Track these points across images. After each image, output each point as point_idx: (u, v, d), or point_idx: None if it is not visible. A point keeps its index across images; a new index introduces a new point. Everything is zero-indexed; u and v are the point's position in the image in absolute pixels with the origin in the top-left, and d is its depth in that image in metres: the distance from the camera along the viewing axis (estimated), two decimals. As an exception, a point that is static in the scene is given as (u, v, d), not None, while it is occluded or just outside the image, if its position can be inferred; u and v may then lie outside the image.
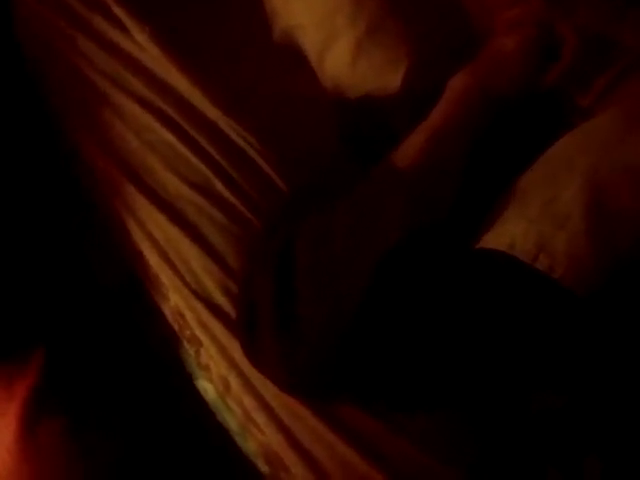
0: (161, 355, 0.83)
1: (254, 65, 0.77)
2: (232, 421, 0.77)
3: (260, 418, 0.71)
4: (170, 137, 0.72)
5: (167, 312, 0.77)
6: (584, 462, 0.61)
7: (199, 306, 0.72)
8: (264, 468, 0.73)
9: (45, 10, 0.79)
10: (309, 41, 0.75)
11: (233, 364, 0.71)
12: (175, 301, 0.75)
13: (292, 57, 0.77)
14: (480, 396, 0.57)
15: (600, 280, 0.52)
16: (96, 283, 0.86)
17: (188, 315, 0.74)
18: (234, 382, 0.72)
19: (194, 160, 0.72)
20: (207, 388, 0.79)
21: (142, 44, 0.74)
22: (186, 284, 0.72)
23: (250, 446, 0.76)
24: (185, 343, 0.78)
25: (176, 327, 0.77)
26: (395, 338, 0.56)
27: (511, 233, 0.56)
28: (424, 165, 0.61)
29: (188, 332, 0.76)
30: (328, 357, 0.58)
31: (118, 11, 0.74)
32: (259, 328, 0.60)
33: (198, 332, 0.74)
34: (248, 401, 0.71)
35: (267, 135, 0.73)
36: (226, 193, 0.72)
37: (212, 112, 0.73)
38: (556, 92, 0.66)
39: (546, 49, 0.63)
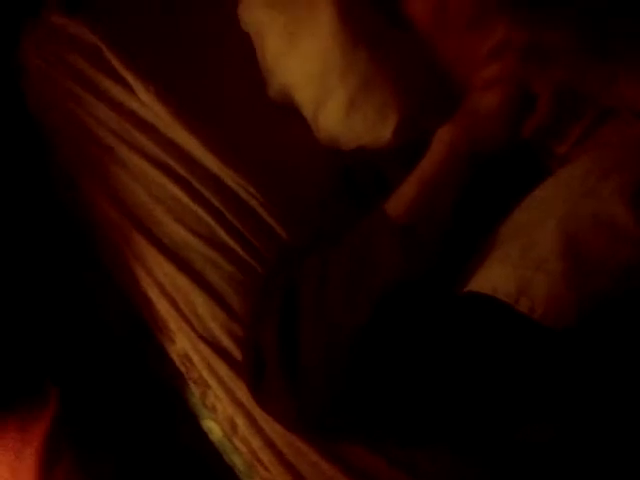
0: (167, 396, 0.87)
1: (253, 119, 0.81)
2: (238, 460, 0.79)
3: (266, 457, 0.73)
4: (176, 190, 0.76)
5: (174, 355, 0.80)
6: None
7: (206, 349, 0.75)
8: (270, 506, 0.75)
9: (55, 72, 0.83)
10: (303, 98, 0.79)
11: (239, 405, 0.74)
12: (182, 345, 0.78)
13: (288, 112, 0.81)
14: (471, 430, 0.60)
15: (578, 316, 0.56)
16: (105, 329, 0.90)
17: (195, 358, 0.77)
18: (241, 422, 0.74)
19: (199, 211, 0.76)
20: (213, 428, 0.82)
21: (147, 103, 0.78)
22: (193, 329, 0.75)
23: (257, 485, 0.79)
24: (191, 385, 0.80)
25: (183, 369, 0.80)
26: (389, 378, 0.59)
27: (494, 277, 0.59)
28: (415, 214, 0.65)
29: (195, 374, 0.79)
30: (329, 397, 0.60)
31: (125, 73, 0.79)
32: (265, 370, 0.63)
33: (205, 374, 0.76)
34: (254, 440, 0.74)
35: (267, 186, 0.76)
36: (230, 242, 0.75)
37: (214, 165, 0.77)
38: (534, 141, 0.70)
39: (523, 103, 0.67)
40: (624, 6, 0.67)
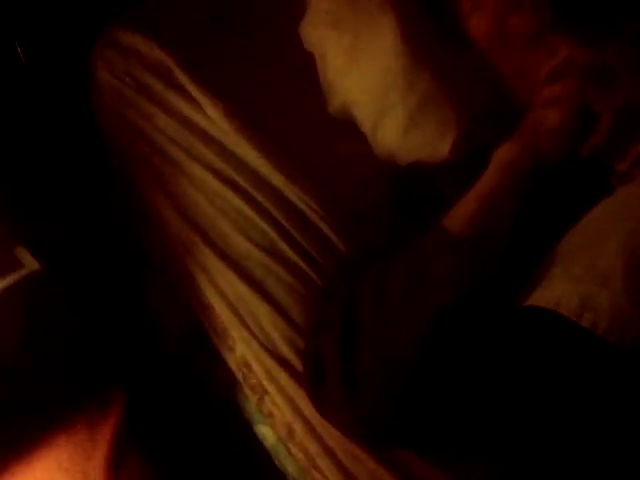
0: (220, 400, 0.89)
1: (314, 136, 0.83)
2: (291, 466, 0.81)
3: (323, 463, 0.75)
4: (240, 203, 0.79)
5: (232, 363, 0.83)
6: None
7: (267, 358, 0.77)
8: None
9: (124, 88, 0.88)
10: (363, 114, 0.81)
11: (298, 412, 0.76)
12: (242, 352, 0.80)
13: (347, 127, 0.84)
14: (528, 446, 0.61)
15: None
16: (166, 339, 0.93)
17: (255, 366, 0.79)
18: (299, 429, 0.76)
19: (261, 224, 0.78)
20: (266, 434, 0.84)
21: (214, 119, 0.82)
22: (254, 337, 0.78)
23: (311, 493, 0.81)
24: (247, 391, 0.83)
25: (240, 376, 0.83)
26: (446, 393, 0.60)
27: (557, 292, 0.60)
28: (475, 230, 0.66)
29: (253, 381, 0.81)
30: (386, 408, 0.62)
31: (192, 90, 0.83)
32: (325, 380, 0.64)
33: (264, 382, 0.78)
34: (312, 447, 0.75)
35: (326, 200, 0.79)
36: (290, 253, 0.77)
37: (277, 180, 0.79)
38: (595, 160, 0.71)
39: (584, 122, 0.68)
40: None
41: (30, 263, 0.72)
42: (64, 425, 0.75)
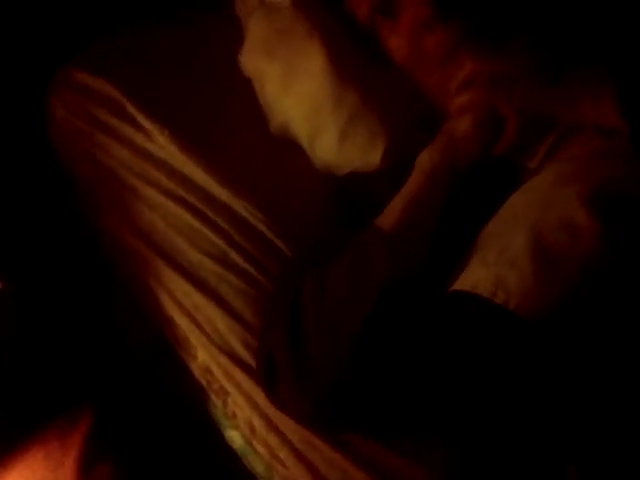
0: (190, 409, 0.93)
1: (258, 153, 0.89)
2: (258, 464, 0.86)
3: (283, 454, 0.80)
4: (191, 219, 0.85)
5: (195, 370, 0.87)
6: (565, 471, 0.71)
7: (224, 360, 0.82)
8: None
9: (79, 122, 0.92)
10: (300, 132, 0.88)
11: (257, 408, 0.81)
12: (203, 358, 0.85)
13: (288, 144, 0.90)
14: (461, 411, 0.67)
15: (549, 309, 0.63)
16: (130, 348, 0.98)
17: (215, 369, 0.84)
18: (258, 424, 0.81)
19: (212, 236, 0.84)
20: (234, 436, 0.88)
21: (163, 144, 0.87)
22: (212, 342, 0.83)
23: (276, 486, 0.85)
24: (213, 396, 0.87)
25: (204, 382, 0.87)
26: (385, 374, 0.66)
27: (474, 276, 0.67)
28: (402, 227, 0.74)
29: (216, 385, 0.86)
30: (334, 392, 0.67)
31: (141, 119, 0.88)
32: (277, 373, 0.70)
33: (225, 383, 0.83)
34: (272, 439, 0.80)
35: (272, 210, 0.84)
36: (240, 261, 0.83)
37: (224, 195, 0.85)
38: (508, 158, 0.79)
39: (493, 125, 0.76)
40: (570, 32, 0.76)
41: (-6, 282, 0.76)
42: (36, 436, 0.79)
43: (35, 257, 0.90)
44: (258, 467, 0.87)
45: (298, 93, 0.86)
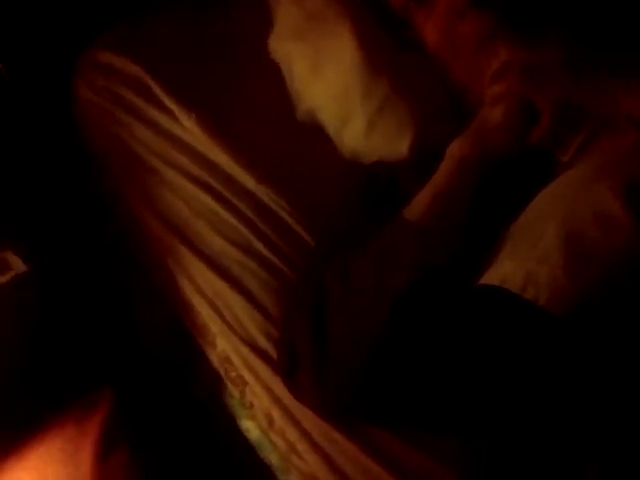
0: (206, 396, 0.93)
1: (283, 140, 0.88)
2: (274, 456, 0.85)
3: (302, 446, 0.79)
4: (215, 205, 0.84)
5: (213, 358, 0.87)
6: (587, 471, 0.69)
7: (245, 350, 0.81)
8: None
9: (104, 103, 0.92)
10: (328, 119, 0.87)
11: (276, 399, 0.80)
12: (222, 347, 0.85)
13: (314, 131, 0.89)
14: (487, 409, 0.66)
15: (580, 304, 0.61)
16: (148, 335, 0.98)
17: (234, 358, 0.83)
18: (277, 415, 0.80)
19: (236, 223, 0.83)
20: (250, 427, 0.88)
21: (189, 128, 0.87)
22: (233, 331, 0.82)
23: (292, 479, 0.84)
24: (230, 385, 0.86)
25: (222, 371, 0.87)
26: (409, 368, 0.65)
27: (504, 270, 0.65)
28: (432, 218, 0.72)
29: (234, 374, 0.85)
30: (356, 384, 0.66)
31: (168, 101, 0.88)
32: (299, 364, 0.69)
33: (244, 373, 0.83)
34: (290, 432, 0.79)
35: (296, 198, 0.84)
36: (264, 250, 0.82)
37: (249, 182, 0.84)
38: (540, 150, 0.77)
39: (527, 117, 0.74)
40: (605, 22, 0.74)
41: (18, 265, 0.76)
42: (55, 420, 0.79)
43: (58, 241, 0.90)
44: (273, 458, 0.86)
45: (327, 79, 0.85)
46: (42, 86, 0.96)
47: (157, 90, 0.87)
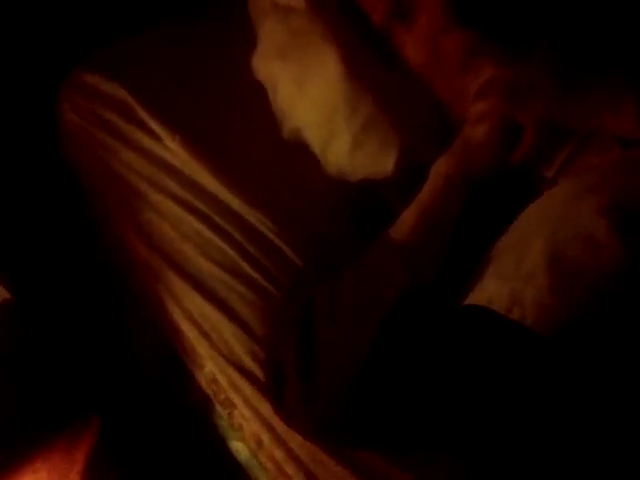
0: (196, 419, 0.92)
1: (269, 159, 0.88)
2: (264, 477, 0.84)
3: (290, 469, 0.78)
4: (201, 227, 0.83)
5: (202, 380, 0.86)
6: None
7: (231, 371, 0.81)
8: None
9: (89, 126, 0.92)
10: (313, 138, 0.86)
11: (264, 422, 0.79)
12: (210, 368, 0.84)
13: (300, 150, 0.88)
14: (476, 428, 0.65)
15: (566, 325, 0.61)
16: (138, 361, 0.97)
17: (222, 380, 0.83)
18: (265, 438, 0.80)
19: (222, 245, 0.83)
20: (239, 448, 0.87)
21: (173, 150, 0.86)
22: (219, 352, 0.81)
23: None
24: (218, 407, 0.86)
25: (210, 393, 0.86)
26: (395, 390, 0.64)
27: (489, 290, 0.65)
28: (416, 237, 0.72)
29: (222, 396, 0.85)
30: (342, 407, 0.65)
31: (152, 124, 0.87)
32: (285, 386, 0.68)
33: (232, 395, 0.82)
34: (279, 454, 0.79)
35: (282, 218, 0.83)
36: (251, 272, 0.82)
37: (235, 202, 0.84)
38: (525, 167, 0.77)
39: (510, 134, 0.74)
40: (591, 39, 0.73)
41: (1, 294, 0.76)
42: (42, 449, 0.78)
43: (40, 266, 0.89)
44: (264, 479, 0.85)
45: (312, 98, 0.84)
46: (26, 107, 0.96)
47: (142, 113, 0.87)
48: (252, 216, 0.84)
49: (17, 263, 0.86)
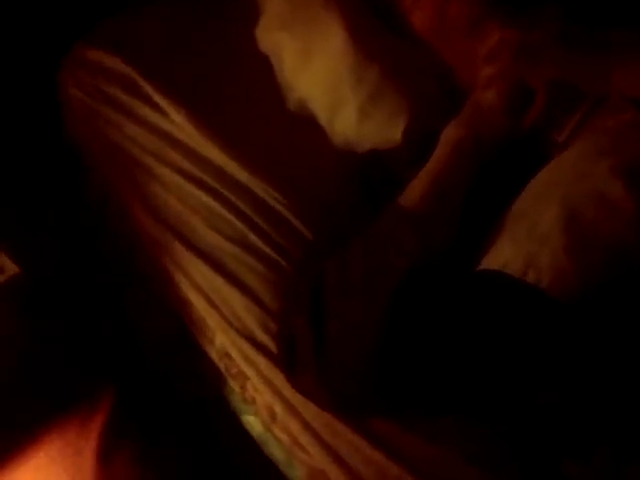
0: (208, 394, 0.92)
1: (276, 132, 0.87)
2: (278, 451, 0.85)
3: (305, 439, 0.78)
4: (209, 200, 0.83)
5: (213, 354, 0.86)
6: (596, 451, 0.68)
7: (244, 344, 0.80)
8: (312, 491, 0.80)
9: (93, 102, 0.91)
10: (319, 108, 0.85)
11: (277, 393, 0.79)
12: (221, 342, 0.84)
13: (306, 121, 0.88)
14: (492, 396, 0.65)
15: (582, 288, 0.60)
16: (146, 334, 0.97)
17: (234, 353, 0.82)
18: (279, 409, 0.79)
19: (230, 217, 0.82)
20: (253, 422, 0.87)
21: (179, 124, 0.85)
22: (231, 325, 0.81)
23: (296, 474, 0.84)
24: (230, 381, 0.86)
25: (222, 366, 0.86)
26: (410, 356, 0.64)
27: (504, 254, 0.64)
28: (428, 205, 0.71)
29: (234, 370, 0.84)
30: (359, 375, 0.65)
31: (157, 98, 0.86)
32: (299, 358, 0.68)
33: (244, 368, 0.82)
34: (293, 425, 0.78)
35: (290, 190, 0.83)
36: (259, 243, 0.81)
37: (242, 175, 0.83)
38: (536, 131, 0.76)
39: (521, 97, 0.73)
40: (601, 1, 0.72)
41: (10, 267, 0.75)
42: (55, 422, 0.78)
43: (49, 241, 0.89)
44: (278, 453, 0.85)
45: (317, 68, 0.84)
46: (28, 83, 0.95)
47: (147, 87, 0.86)
48: (260, 188, 0.83)
49: (24, 238, 0.85)
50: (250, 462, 0.90)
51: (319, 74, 0.84)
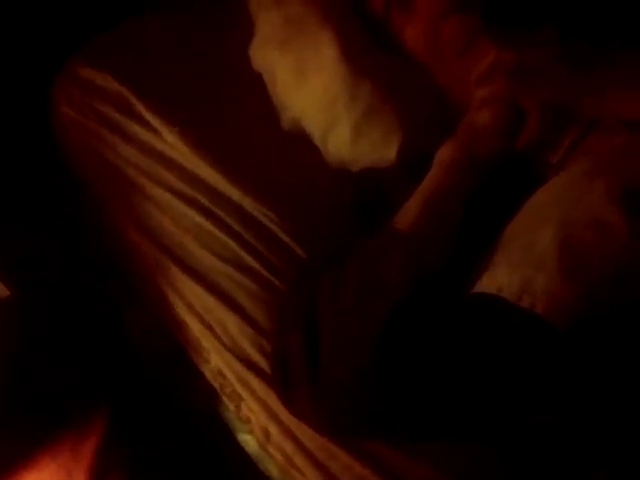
0: (203, 413, 0.92)
1: (268, 150, 0.87)
2: (273, 469, 0.84)
3: (300, 460, 0.78)
4: (201, 220, 0.82)
5: (207, 373, 0.86)
6: (593, 474, 0.68)
7: (238, 365, 0.80)
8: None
9: (85, 120, 0.90)
10: (312, 127, 0.85)
11: (272, 414, 0.79)
12: (216, 362, 0.84)
13: (300, 140, 0.88)
14: (485, 420, 0.65)
15: (577, 313, 0.60)
16: (141, 353, 0.96)
17: (228, 374, 0.82)
18: (274, 430, 0.79)
19: (224, 237, 0.82)
20: (248, 440, 0.87)
21: (172, 143, 0.85)
22: (225, 346, 0.81)
23: (291, 491, 0.84)
24: (225, 400, 0.85)
25: (217, 386, 0.85)
26: (403, 381, 0.63)
27: (498, 278, 0.64)
28: (421, 227, 0.71)
29: (229, 389, 0.84)
30: (353, 392, 0.64)
31: (149, 117, 0.86)
32: (293, 376, 0.67)
33: (238, 388, 0.82)
34: (288, 446, 0.78)
35: (284, 210, 0.82)
36: (253, 263, 0.81)
37: (236, 195, 0.83)
38: (529, 153, 0.76)
39: (515, 119, 0.73)
40: (596, 21, 0.72)
41: (1, 290, 0.75)
42: (47, 444, 0.77)
43: (42, 260, 0.88)
44: (273, 471, 0.85)
45: (311, 86, 0.83)
46: (20, 99, 0.94)
47: (139, 106, 0.86)
48: (253, 208, 0.83)
49: (17, 260, 0.85)
50: (245, 475, 0.90)
51: (312, 93, 0.83)
